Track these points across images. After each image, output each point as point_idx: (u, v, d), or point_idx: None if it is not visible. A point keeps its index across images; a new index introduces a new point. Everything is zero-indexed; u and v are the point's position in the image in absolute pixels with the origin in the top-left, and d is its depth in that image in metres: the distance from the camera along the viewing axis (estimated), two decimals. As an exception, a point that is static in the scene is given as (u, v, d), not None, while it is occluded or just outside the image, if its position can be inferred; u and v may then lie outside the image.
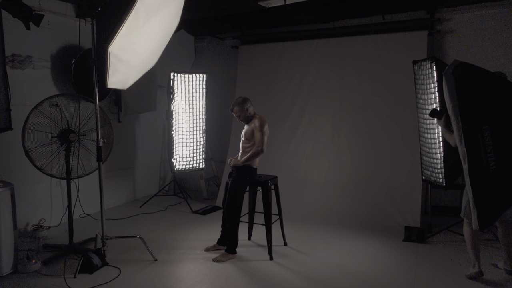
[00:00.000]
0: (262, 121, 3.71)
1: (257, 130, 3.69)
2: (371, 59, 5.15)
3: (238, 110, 3.75)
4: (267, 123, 3.74)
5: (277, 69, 5.76)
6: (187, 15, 3.44)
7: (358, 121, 5.16)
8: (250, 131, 3.74)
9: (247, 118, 3.78)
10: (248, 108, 3.76)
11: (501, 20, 4.68)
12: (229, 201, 3.75)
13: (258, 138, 3.68)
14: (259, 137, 3.68)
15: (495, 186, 2.72)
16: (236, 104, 3.76)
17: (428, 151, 3.93)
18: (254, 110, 3.82)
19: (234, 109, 3.77)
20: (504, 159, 2.71)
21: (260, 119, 3.72)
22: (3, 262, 3.29)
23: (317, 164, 5.29)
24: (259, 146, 3.67)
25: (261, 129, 3.69)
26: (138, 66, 3.32)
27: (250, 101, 3.78)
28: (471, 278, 3.18)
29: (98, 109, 3.57)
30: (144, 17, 2.91)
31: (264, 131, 3.69)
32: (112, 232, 4.10)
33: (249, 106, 3.76)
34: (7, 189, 3.33)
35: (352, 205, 4.87)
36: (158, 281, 3.27)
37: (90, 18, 3.53)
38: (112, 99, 5.40)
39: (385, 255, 3.79)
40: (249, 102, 3.77)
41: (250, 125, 3.77)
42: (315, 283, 3.23)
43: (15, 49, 4.16)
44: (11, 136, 4.06)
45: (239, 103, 3.75)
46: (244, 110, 3.74)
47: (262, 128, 3.69)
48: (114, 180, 5.60)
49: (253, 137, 3.73)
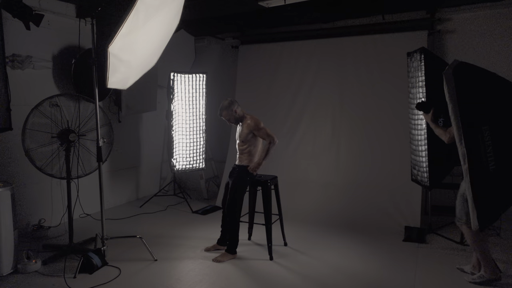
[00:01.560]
0: (256, 121, 3.72)
1: (257, 129, 3.70)
2: (371, 59, 5.15)
3: (227, 114, 3.75)
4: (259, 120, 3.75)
5: (277, 69, 5.76)
6: (187, 15, 3.44)
7: (358, 121, 5.16)
8: (245, 133, 3.73)
9: (236, 119, 3.79)
10: (236, 110, 3.76)
11: (501, 20, 4.68)
12: (229, 201, 3.75)
13: (264, 134, 3.70)
14: (263, 133, 3.70)
15: (495, 186, 2.72)
16: (223, 108, 3.75)
17: (415, 149, 3.79)
18: (242, 110, 3.82)
19: (223, 114, 3.76)
20: (504, 159, 2.71)
21: (253, 120, 3.72)
22: (3, 262, 3.29)
23: (317, 164, 5.29)
24: (270, 139, 3.67)
25: (260, 126, 3.70)
26: (138, 66, 3.32)
27: (236, 102, 3.79)
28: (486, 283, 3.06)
29: (98, 109, 3.57)
30: (144, 17, 2.91)
31: (262, 127, 3.71)
32: (112, 232, 4.11)
33: (237, 107, 3.76)
34: (7, 189, 3.33)
35: (352, 205, 4.87)
36: (158, 281, 3.27)
37: (90, 18, 3.54)
38: (112, 99, 5.40)
39: (385, 255, 3.79)
40: (236, 103, 3.78)
41: (242, 126, 3.77)
42: (315, 283, 3.23)
43: (15, 49, 4.16)
44: (11, 136, 4.07)
45: (226, 106, 3.74)
46: (233, 112, 3.74)
47: (259, 126, 3.70)
48: (114, 180, 5.60)
49: (249, 139, 3.73)
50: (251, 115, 3.78)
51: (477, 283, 3.10)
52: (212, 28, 6.14)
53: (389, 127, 4.96)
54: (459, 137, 2.69)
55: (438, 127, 3.21)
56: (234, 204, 3.72)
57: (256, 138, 3.75)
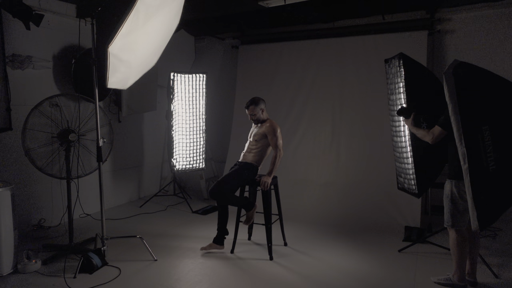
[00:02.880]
0: (275, 127, 3.77)
1: (273, 134, 3.74)
2: (371, 59, 5.15)
3: (254, 109, 3.79)
4: (279, 128, 3.80)
5: (277, 69, 5.77)
6: (187, 15, 3.44)
7: (358, 121, 5.16)
8: (261, 134, 3.79)
9: (258, 119, 3.83)
10: (263, 110, 3.83)
11: (501, 20, 4.68)
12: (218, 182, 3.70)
13: (274, 142, 3.74)
14: (275, 141, 3.74)
15: (495, 186, 2.72)
16: (253, 102, 3.79)
17: (399, 156, 3.66)
18: (267, 114, 3.89)
19: (250, 107, 3.80)
20: (504, 159, 2.70)
21: (273, 124, 3.78)
22: (3, 262, 3.29)
23: (317, 164, 5.29)
24: (278, 151, 3.73)
25: (275, 133, 3.74)
26: (138, 66, 3.32)
27: (265, 103, 3.85)
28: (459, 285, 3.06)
29: (98, 109, 3.57)
30: (144, 17, 2.91)
31: (278, 135, 3.75)
32: (112, 232, 4.11)
33: (264, 108, 3.83)
34: (7, 189, 3.32)
35: (352, 205, 4.87)
36: (158, 281, 3.27)
37: (90, 18, 3.53)
38: (112, 99, 5.40)
39: (385, 255, 3.79)
40: (264, 104, 3.84)
41: (261, 128, 3.81)
42: (315, 283, 3.23)
43: (15, 49, 4.16)
44: (11, 136, 4.07)
45: (255, 101, 3.79)
46: (259, 110, 3.80)
47: (276, 132, 3.74)
48: (114, 180, 5.60)
49: (263, 140, 3.78)
50: (272, 121, 3.85)
51: (442, 285, 3.10)
52: (212, 28, 6.15)
53: (389, 127, 4.95)
54: (459, 137, 2.69)
55: (419, 129, 3.16)
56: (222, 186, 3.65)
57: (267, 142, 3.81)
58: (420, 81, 3.42)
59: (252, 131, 3.95)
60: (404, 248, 3.89)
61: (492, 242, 4.06)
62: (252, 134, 3.92)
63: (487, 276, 3.26)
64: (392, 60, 3.63)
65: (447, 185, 3.02)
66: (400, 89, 3.49)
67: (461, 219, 2.98)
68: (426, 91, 3.40)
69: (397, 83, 3.54)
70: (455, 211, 2.97)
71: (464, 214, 2.96)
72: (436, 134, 2.99)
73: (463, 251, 3.01)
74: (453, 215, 2.98)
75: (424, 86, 3.43)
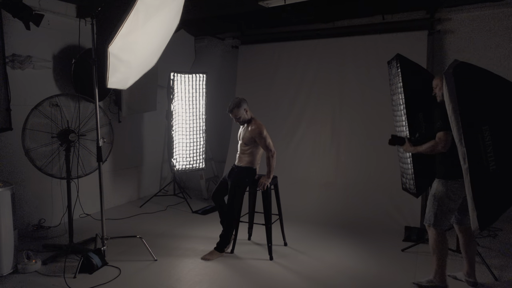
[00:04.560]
0: (260, 129, 3.70)
1: (259, 138, 3.70)
2: (371, 59, 5.14)
3: (238, 112, 3.74)
4: (264, 127, 3.74)
5: (277, 69, 5.76)
6: (187, 15, 3.44)
7: (358, 121, 5.16)
8: (249, 136, 3.74)
9: (244, 120, 3.79)
10: (247, 110, 3.76)
11: (501, 20, 4.68)
12: (228, 203, 3.77)
13: (264, 144, 3.71)
14: (264, 143, 3.70)
15: (495, 186, 2.72)
16: (235, 105, 3.72)
17: (402, 156, 3.67)
18: (251, 112, 3.83)
19: (233, 111, 3.73)
20: (504, 159, 2.70)
21: (259, 126, 3.71)
22: (3, 262, 3.29)
23: (317, 164, 5.29)
24: (270, 151, 3.71)
25: (262, 135, 3.69)
26: (138, 66, 3.32)
27: (246, 102, 3.78)
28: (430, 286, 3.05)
29: (98, 109, 3.57)
30: (144, 17, 2.91)
31: (264, 136, 3.70)
32: (112, 232, 4.11)
33: (247, 107, 3.77)
34: (7, 189, 3.32)
35: (352, 205, 4.87)
36: (158, 281, 3.27)
37: (90, 18, 3.54)
38: (112, 99, 5.40)
39: (385, 255, 3.79)
40: (246, 103, 3.77)
41: (247, 128, 3.77)
42: (315, 283, 3.23)
43: (15, 49, 4.16)
44: (11, 136, 4.07)
45: (236, 104, 3.72)
46: (243, 111, 3.74)
47: (261, 134, 3.69)
48: (114, 180, 5.60)
49: (252, 143, 3.75)
50: (257, 121, 3.78)
51: (423, 287, 3.08)
52: (212, 28, 6.14)
53: (389, 127, 4.94)
54: (459, 137, 2.68)
55: (418, 147, 3.08)
56: (232, 206, 3.73)
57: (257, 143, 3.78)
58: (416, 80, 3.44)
59: (240, 132, 3.91)
60: (407, 247, 3.89)
61: (492, 242, 4.06)
62: (240, 137, 3.87)
63: (487, 276, 3.26)
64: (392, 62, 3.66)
65: (435, 184, 3.01)
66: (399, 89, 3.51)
67: (443, 220, 2.97)
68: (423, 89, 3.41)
69: (398, 83, 3.56)
70: (438, 211, 2.96)
71: (447, 215, 2.96)
72: (444, 139, 2.87)
73: (443, 251, 3.00)
74: (435, 215, 2.97)
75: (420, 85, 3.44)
